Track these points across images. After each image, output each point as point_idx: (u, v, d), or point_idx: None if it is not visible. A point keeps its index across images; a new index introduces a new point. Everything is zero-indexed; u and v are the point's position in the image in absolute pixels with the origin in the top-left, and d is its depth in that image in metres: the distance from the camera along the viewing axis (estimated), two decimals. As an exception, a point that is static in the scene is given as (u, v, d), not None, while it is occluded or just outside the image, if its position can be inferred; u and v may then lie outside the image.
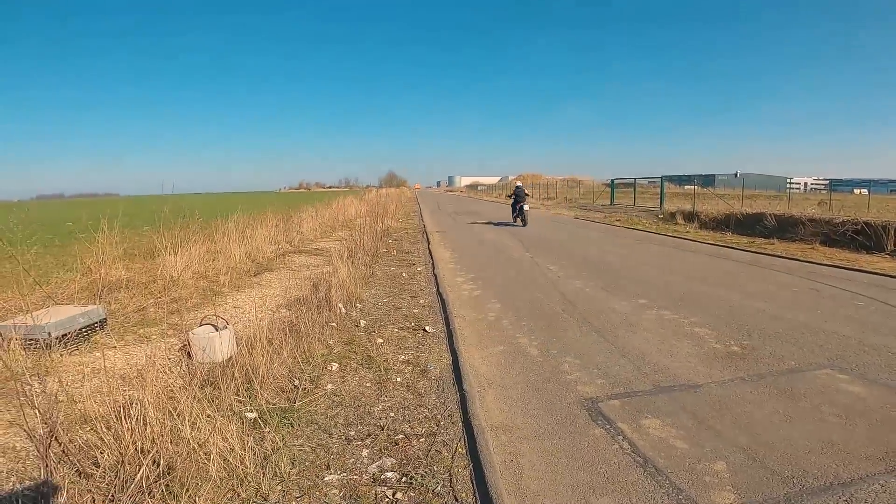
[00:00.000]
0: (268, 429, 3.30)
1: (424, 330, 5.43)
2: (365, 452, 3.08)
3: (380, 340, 5.15)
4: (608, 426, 3.28)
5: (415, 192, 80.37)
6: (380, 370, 4.37)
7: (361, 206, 25.50)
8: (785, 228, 14.09)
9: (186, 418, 2.90)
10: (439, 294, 7.02)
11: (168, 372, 4.43)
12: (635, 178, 30.72)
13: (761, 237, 14.14)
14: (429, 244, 12.81)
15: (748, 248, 11.56)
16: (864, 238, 11.59)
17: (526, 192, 18.85)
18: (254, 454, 2.87)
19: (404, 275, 8.76)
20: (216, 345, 4.57)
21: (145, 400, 2.92)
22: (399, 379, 4.20)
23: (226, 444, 2.83)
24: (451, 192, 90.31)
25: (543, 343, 4.90)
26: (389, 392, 3.96)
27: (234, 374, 3.94)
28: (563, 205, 33.27)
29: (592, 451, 2.99)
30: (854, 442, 2.98)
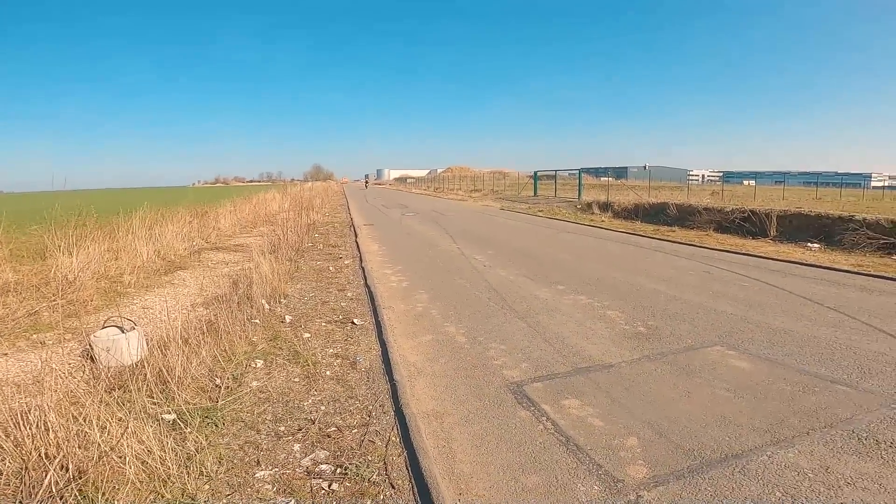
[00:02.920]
0: (189, 429, 3.15)
1: (353, 322, 5.39)
2: (297, 447, 3.03)
3: (307, 335, 5.04)
4: (533, 408, 3.48)
5: (342, 185, 78.35)
6: (308, 364, 4.29)
7: (285, 200, 24.47)
8: (685, 217, 15.52)
9: (94, 422, 2.73)
10: (367, 286, 6.98)
11: (69, 377, 4.09)
12: (556, 171, 32.28)
13: (665, 225, 15.48)
14: (356, 237, 12.63)
15: (654, 236, 12.60)
16: (751, 225, 13.08)
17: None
18: (175, 455, 2.75)
19: (331, 268, 8.59)
20: (122, 347, 4.27)
21: (45, 405, 2.75)
22: (328, 372, 4.15)
23: (142, 447, 2.71)
24: (379, 185, 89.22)
25: (470, 331, 5.07)
26: (319, 386, 3.91)
27: (146, 375, 3.72)
28: (489, 196, 34.16)
29: (519, 433, 3.16)
30: (742, 415, 3.33)
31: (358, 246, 11.04)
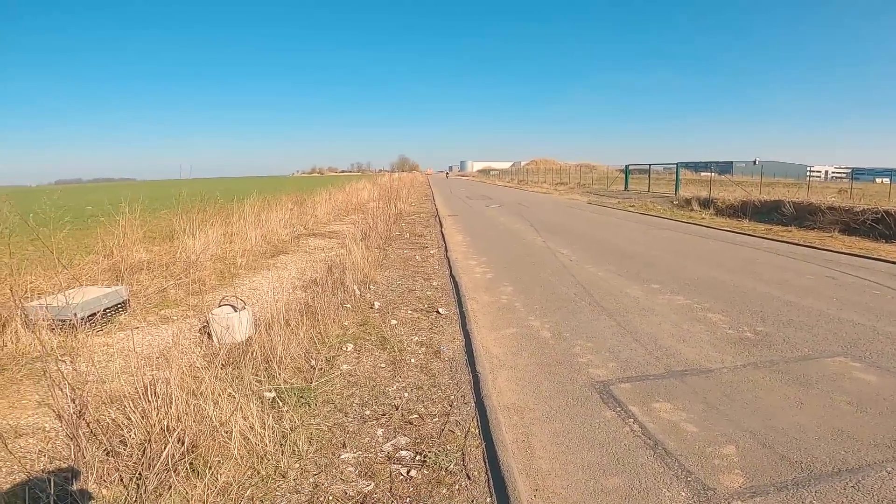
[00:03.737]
0: (286, 408, 3.39)
1: (438, 312, 5.51)
2: (380, 431, 3.17)
3: (394, 322, 5.24)
4: (619, 408, 3.33)
5: (427, 176, 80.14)
6: (394, 351, 4.46)
7: (374, 190, 25.57)
8: (804, 216, 13.84)
9: (209, 397, 2.98)
10: (452, 277, 7.08)
11: (190, 352, 4.59)
12: (650, 164, 30.31)
13: (779, 225, 13.93)
14: (441, 227, 12.85)
15: (765, 236, 11.41)
16: (885, 227, 11.36)
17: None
18: (273, 433, 2.95)
19: (417, 258, 8.83)
20: (235, 325, 4.67)
21: (170, 379, 3.01)
22: (413, 360, 4.28)
23: (246, 423, 2.91)
24: (463, 176, 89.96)
25: (556, 326, 4.95)
26: (404, 373, 4.05)
27: (253, 354, 4.06)
28: (576, 190, 32.97)
29: (603, 433, 3.04)
30: (863, 429, 2.99)
31: (443, 236, 11.23)
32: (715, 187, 21.66)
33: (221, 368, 3.95)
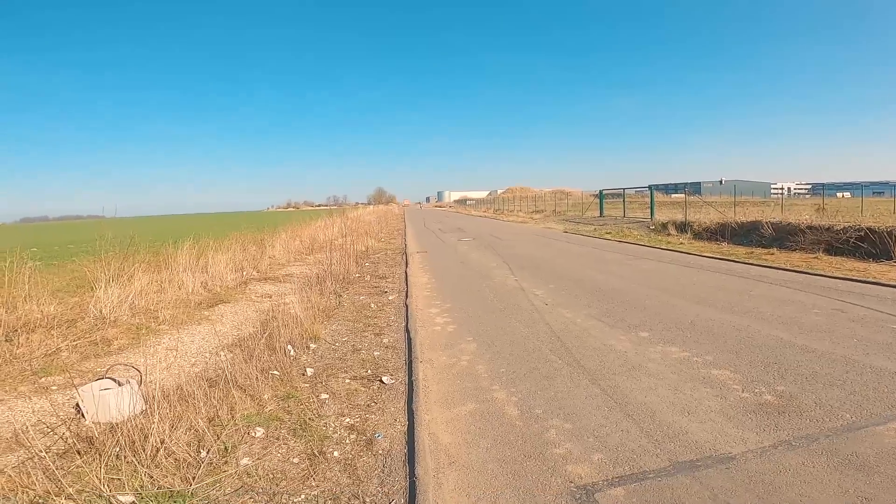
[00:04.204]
0: None
1: (381, 381, 4.41)
2: None
3: (324, 396, 4.13)
4: (613, 536, 2.29)
5: (403, 208, 79.53)
6: (314, 440, 3.37)
7: (343, 225, 24.50)
8: (784, 237, 13.38)
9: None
10: (407, 331, 6.00)
11: (50, 433, 3.60)
12: (624, 189, 30.08)
13: (759, 247, 13.42)
14: (407, 267, 11.81)
15: (749, 261, 10.73)
16: (869, 245, 10.86)
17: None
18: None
19: (373, 305, 7.75)
20: (111, 403, 3.72)
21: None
22: (336, 453, 3.20)
23: None
24: (439, 207, 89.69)
25: (525, 398, 3.90)
26: (320, 473, 2.96)
27: (118, 441, 3.10)
28: (551, 218, 32.54)
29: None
30: None
31: (406, 277, 10.19)
32: (689, 209, 21.32)
33: (80, 457, 3.04)
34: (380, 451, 3.22)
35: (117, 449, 3.01)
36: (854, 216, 15.11)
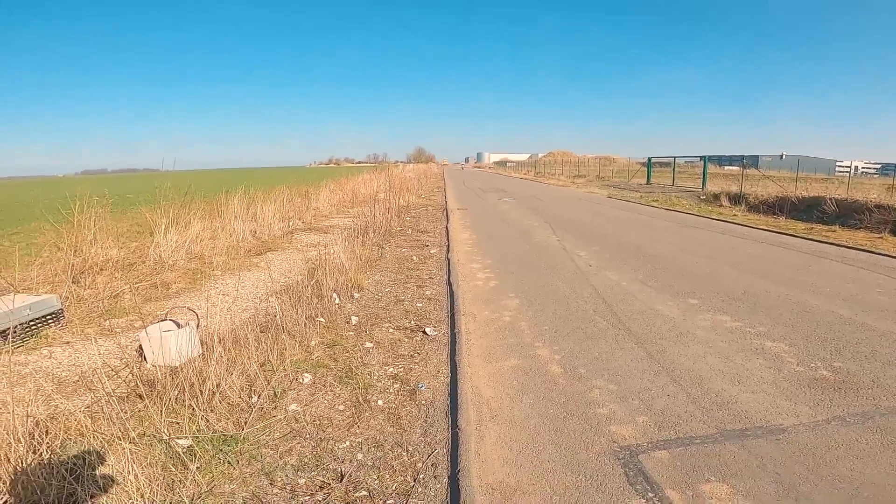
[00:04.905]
0: (198, 464, 2.51)
1: (424, 332, 4.51)
2: (308, 520, 2.22)
3: (369, 345, 4.26)
4: (652, 494, 2.31)
5: (442, 167, 78.91)
6: (359, 387, 3.49)
7: (383, 181, 24.60)
8: (848, 215, 12.51)
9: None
10: (449, 284, 6.07)
11: (114, 376, 3.75)
12: (674, 157, 28.65)
13: (820, 223, 12.61)
14: (447, 223, 11.82)
15: (809, 237, 10.11)
16: (943, 229, 10.03)
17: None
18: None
19: (415, 258, 7.84)
20: (171, 346, 3.81)
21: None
22: (381, 402, 3.31)
23: (137, 483, 2.20)
24: (479, 168, 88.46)
25: (568, 357, 3.90)
26: (364, 420, 3.08)
27: (179, 384, 3.16)
28: (595, 183, 31.51)
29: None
30: None
31: (447, 233, 10.21)
32: (745, 182, 20.14)
33: (132, 404, 3.12)
34: (423, 402, 3.32)
35: (176, 392, 3.06)
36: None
